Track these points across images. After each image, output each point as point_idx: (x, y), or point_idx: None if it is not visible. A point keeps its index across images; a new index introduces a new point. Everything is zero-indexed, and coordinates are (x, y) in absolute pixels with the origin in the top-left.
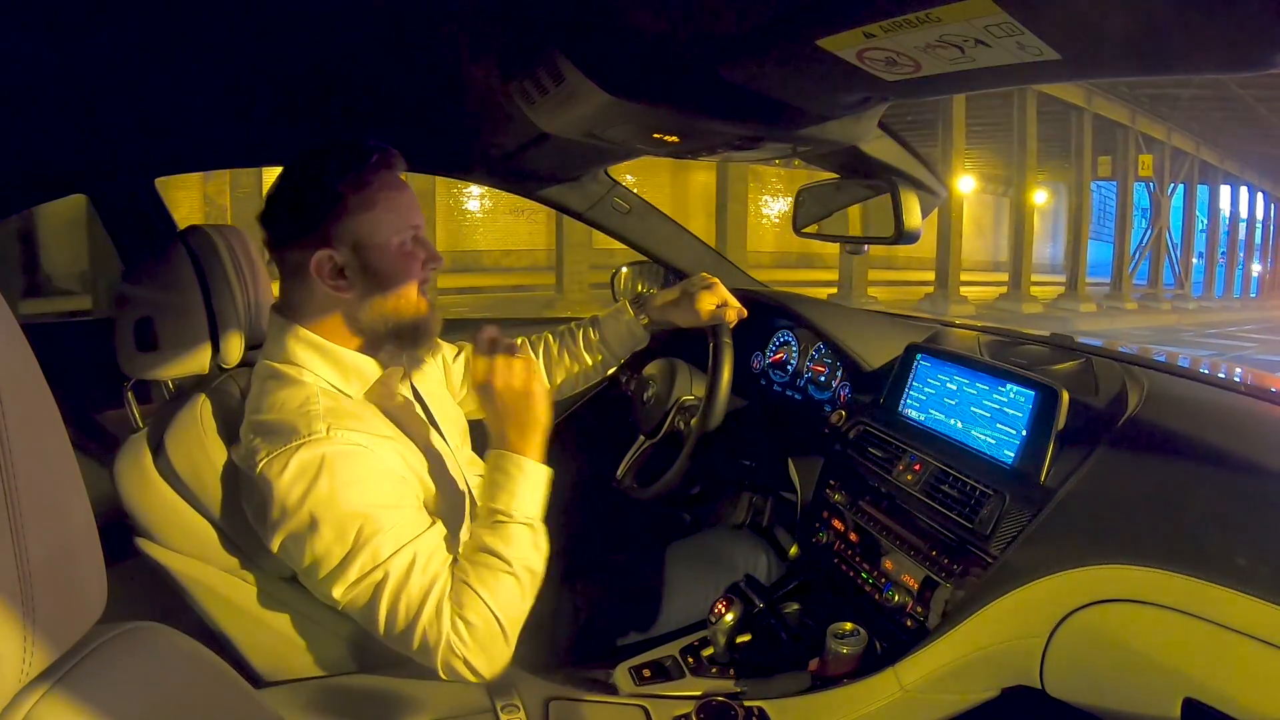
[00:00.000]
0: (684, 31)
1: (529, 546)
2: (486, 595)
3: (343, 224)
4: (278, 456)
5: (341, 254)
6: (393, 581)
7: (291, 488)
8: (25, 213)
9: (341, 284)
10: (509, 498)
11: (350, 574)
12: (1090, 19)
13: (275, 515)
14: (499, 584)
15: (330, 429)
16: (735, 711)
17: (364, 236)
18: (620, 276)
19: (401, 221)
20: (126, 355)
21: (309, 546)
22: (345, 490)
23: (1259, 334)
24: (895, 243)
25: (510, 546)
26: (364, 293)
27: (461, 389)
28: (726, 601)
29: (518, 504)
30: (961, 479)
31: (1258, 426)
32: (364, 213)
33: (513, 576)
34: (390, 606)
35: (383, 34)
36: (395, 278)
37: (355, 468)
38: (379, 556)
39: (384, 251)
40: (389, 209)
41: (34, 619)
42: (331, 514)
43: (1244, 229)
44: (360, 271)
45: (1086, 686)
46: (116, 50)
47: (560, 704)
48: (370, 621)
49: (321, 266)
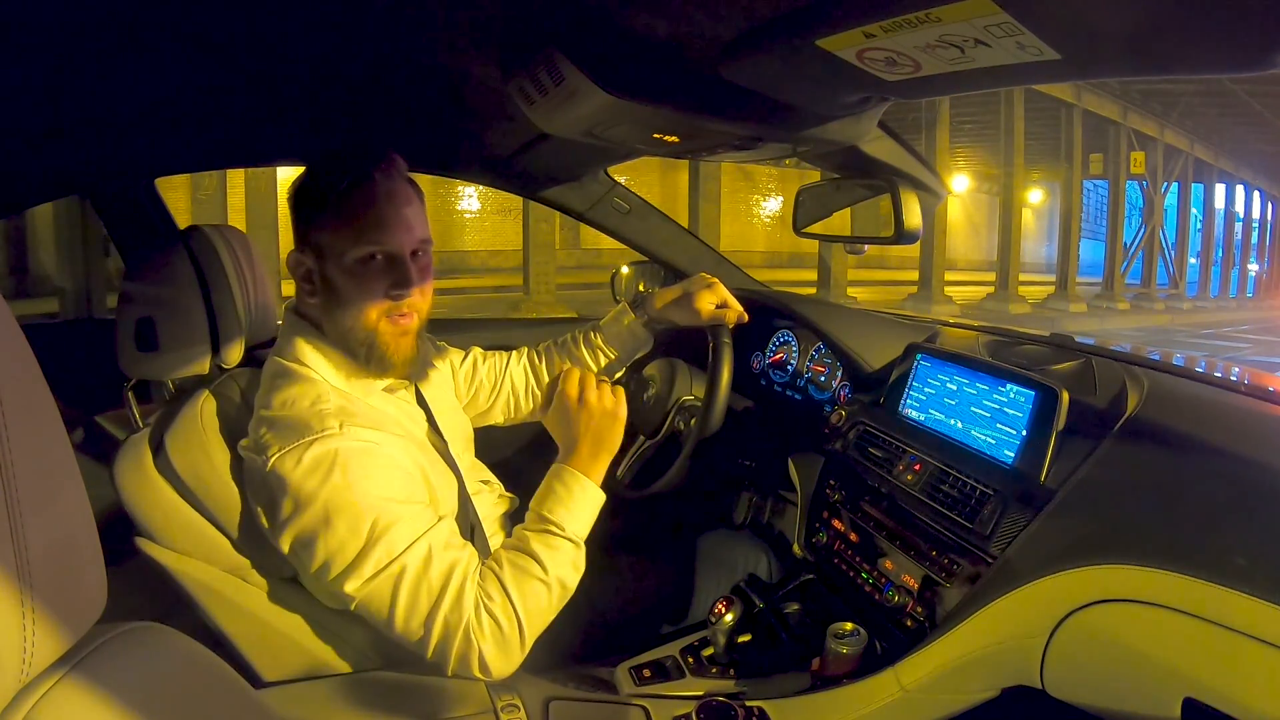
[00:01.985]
0: (684, 31)
1: (569, 563)
2: (516, 595)
3: (311, 229)
4: (290, 452)
5: (308, 259)
6: (411, 573)
7: (304, 482)
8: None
9: (307, 288)
10: (565, 512)
11: (366, 569)
12: (1090, 19)
13: (286, 511)
14: (530, 588)
15: (343, 425)
16: (735, 711)
17: (325, 245)
18: (620, 277)
19: (362, 238)
20: (127, 355)
21: (322, 542)
22: (359, 484)
23: (1254, 334)
24: (895, 242)
25: (553, 557)
26: (324, 304)
27: (468, 394)
28: (726, 601)
29: (571, 520)
30: (961, 479)
31: (1258, 426)
32: (330, 221)
33: (546, 586)
34: (410, 598)
35: (382, 34)
36: (348, 294)
37: (368, 463)
38: (395, 550)
39: (338, 265)
40: (352, 222)
41: (34, 619)
42: (345, 509)
43: (1239, 228)
44: (321, 281)
45: (1086, 686)
46: (116, 50)
47: (560, 704)
48: (386, 616)
49: (294, 267)
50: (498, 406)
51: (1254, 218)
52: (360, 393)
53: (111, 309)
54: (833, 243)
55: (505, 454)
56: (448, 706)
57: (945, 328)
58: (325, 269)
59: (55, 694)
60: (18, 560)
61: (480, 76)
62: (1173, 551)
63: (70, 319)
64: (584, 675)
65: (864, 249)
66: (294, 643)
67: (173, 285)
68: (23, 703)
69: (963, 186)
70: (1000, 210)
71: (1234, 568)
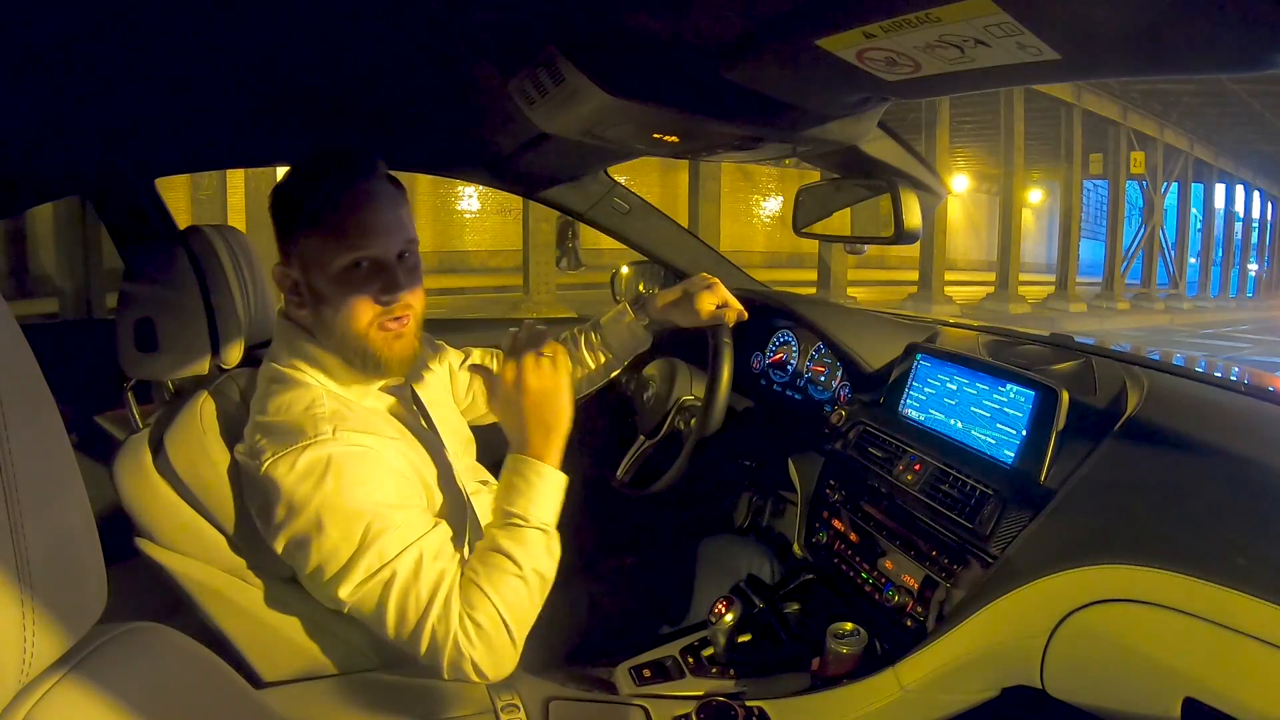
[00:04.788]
0: (684, 31)
1: (542, 552)
2: (495, 596)
3: (294, 240)
4: (284, 456)
5: (294, 271)
6: (401, 580)
7: (297, 487)
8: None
9: (295, 299)
10: (526, 502)
11: (357, 574)
12: (1090, 19)
13: (281, 515)
14: (508, 586)
15: (336, 430)
16: (735, 711)
17: (309, 256)
18: (620, 277)
19: (346, 245)
20: (127, 356)
21: (315, 547)
22: (352, 490)
23: (1254, 334)
24: (895, 242)
25: (523, 550)
26: (314, 313)
27: (466, 397)
28: (726, 601)
29: (534, 509)
30: (961, 479)
31: (1258, 426)
32: (311, 229)
33: (522, 580)
34: (399, 605)
35: (382, 34)
36: (337, 303)
37: (361, 468)
38: (386, 555)
39: (324, 274)
40: (335, 230)
41: (34, 619)
42: (338, 513)
43: (1239, 228)
44: (309, 291)
45: (1086, 686)
46: (117, 51)
47: (560, 704)
48: (377, 621)
49: (280, 280)
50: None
51: (1254, 217)
52: (356, 396)
53: (111, 309)
54: (833, 243)
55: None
56: (447, 706)
57: (945, 328)
58: (311, 279)
59: (55, 694)
60: (18, 560)
61: (480, 77)
62: (1173, 551)
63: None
64: (584, 675)
65: (864, 249)
66: (293, 643)
67: (172, 286)
68: (23, 703)
69: (963, 186)
70: (1000, 210)
71: (1234, 568)
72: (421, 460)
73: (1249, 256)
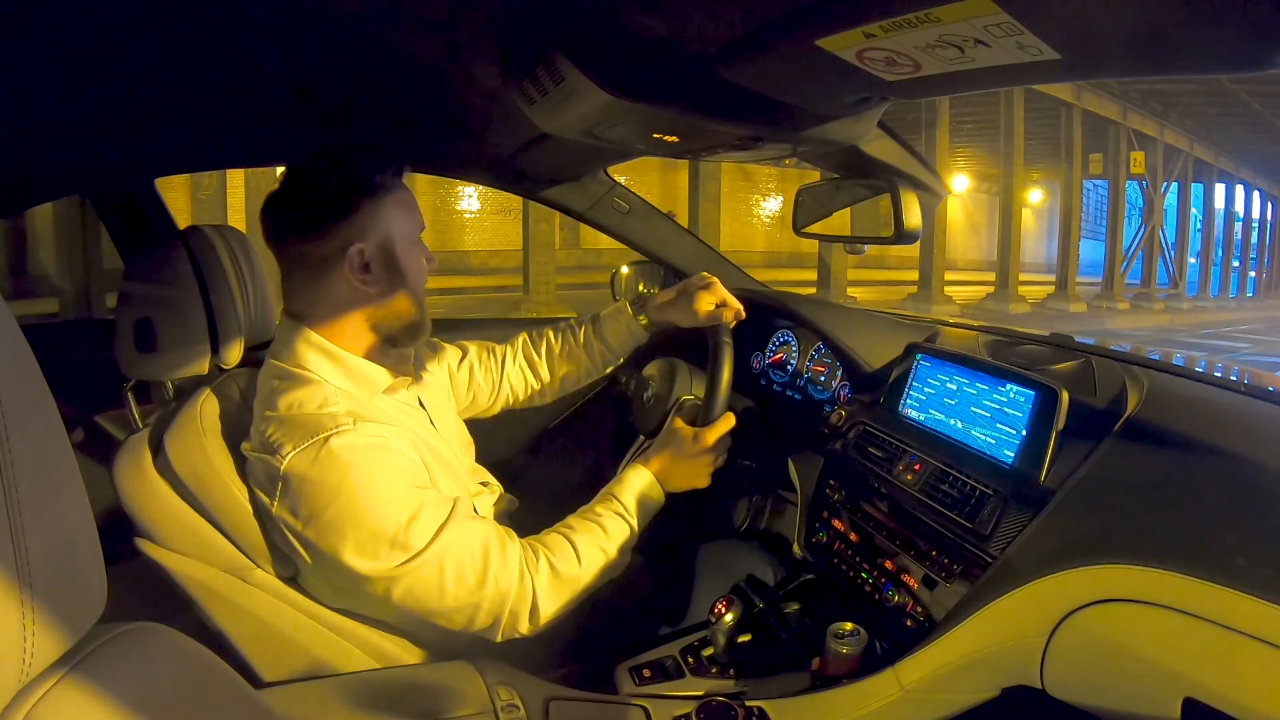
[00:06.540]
0: (684, 32)
1: (625, 546)
2: (582, 548)
3: (376, 217)
4: (306, 449)
5: (369, 248)
6: (454, 549)
7: (325, 477)
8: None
9: (367, 278)
10: (636, 508)
11: (399, 555)
12: (1090, 19)
13: (310, 508)
14: (593, 548)
15: (357, 421)
16: (735, 711)
17: (394, 231)
18: (620, 277)
19: (415, 221)
20: (126, 356)
21: (353, 533)
22: (380, 474)
23: (1254, 334)
24: (895, 242)
25: (618, 532)
26: (386, 289)
27: (466, 396)
28: (726, 601)
29: (638, 519)
30: (961, 479)
31: (1258, 426)
32: (394, 208)
33: (604, 554)
34: (457, 571)
35: (383, 34)
36: (412, 274)
37: (384, 455)
38: (430, 531)
39: (406, 247)
40: (410, 207)
41: (34, 619)
42: (371, 499)
43: (1239, 227)
44: (384, 267)
45: (1086, 686)
46: (117, 50)
47: (560, 704)
48: (435, 594)
49: (353, 260)
50: (498, 406)
51: (1254, 217)
52: (365, 395)
53: (111, 309)
54: (833, 243)
55: (505, 454)
56: (448, 706)
57: (945, 328)
58: (392, 253)
59: (55, 694)
60: (18, 560)
61: (481, 77)
62: (1173, 551)
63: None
64: (584, 675)
65: (864, 249)
66: (294, 643)
67: (172, 285)
68: (22, 703)
69: (963, 186)
70: (1000, 210)
71: (1234, 568)
72: (432, 455)
73: (1249, 256)
